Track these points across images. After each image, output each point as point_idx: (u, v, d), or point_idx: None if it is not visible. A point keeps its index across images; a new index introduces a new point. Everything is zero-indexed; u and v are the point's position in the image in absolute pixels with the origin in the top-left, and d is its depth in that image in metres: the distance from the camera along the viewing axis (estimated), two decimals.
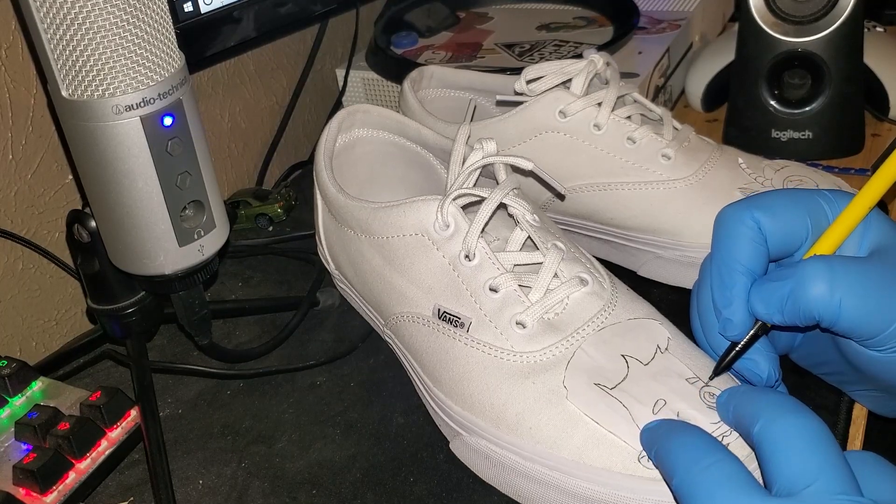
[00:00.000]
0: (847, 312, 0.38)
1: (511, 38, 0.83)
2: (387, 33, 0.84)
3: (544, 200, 0.60)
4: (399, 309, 0.49)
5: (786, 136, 0.72)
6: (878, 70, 0.74)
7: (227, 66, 0.75)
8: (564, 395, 0.41)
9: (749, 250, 0.41)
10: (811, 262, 0.38)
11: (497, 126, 0.58)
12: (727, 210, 0.42)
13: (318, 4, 0.69)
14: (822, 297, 0.38)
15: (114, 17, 0.41)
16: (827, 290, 0.38)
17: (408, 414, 0.51)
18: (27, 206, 0.61)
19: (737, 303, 0.41)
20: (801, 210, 0.41)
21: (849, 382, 0.46)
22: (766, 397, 0.36)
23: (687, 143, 0.57)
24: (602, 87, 0.58)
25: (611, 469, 0.39)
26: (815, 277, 0.38)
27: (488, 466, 0.44)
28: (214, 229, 0.49)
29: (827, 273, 0.38)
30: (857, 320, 0.38)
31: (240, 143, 0.79)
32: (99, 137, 0.43)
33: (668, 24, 0.82)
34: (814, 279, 0.38)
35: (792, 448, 0.33)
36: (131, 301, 0.54)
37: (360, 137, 0.58)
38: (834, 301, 0.38)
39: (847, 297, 0.37)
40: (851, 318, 0.38)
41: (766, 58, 0.70)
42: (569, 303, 0.44)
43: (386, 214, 0.48)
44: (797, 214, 0.41)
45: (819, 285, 0.38)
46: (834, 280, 0.38)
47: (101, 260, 0.51)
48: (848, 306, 0.38)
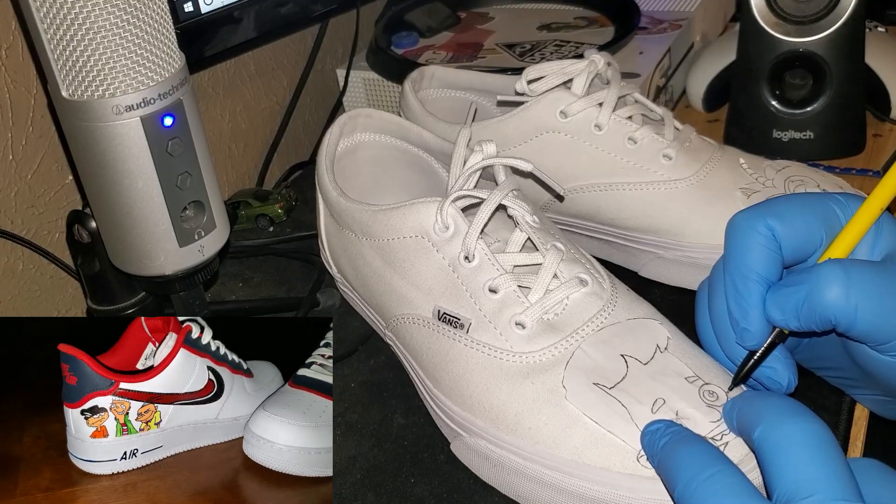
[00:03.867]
0: (863, 316, 0.37)
1: (512, 39, 0.83)
2: (387, 33, 0.84)
3: (544, 201, 0.60)
4: (399, 311, 0.49)
5: (787, 137, 0.72)
6: (880, 70, 0.74)
7: (227, 66, 0.75)
8: (563, 395, 0.41)
9: (764, 258, 0.40)
10: (826, 266, 0.38)
11: (498, 126, 0.58)
12: (739, 218, 0.41)
13: (319, 4, 0.69)
14: (838, 301, 0.37)
15: (114, 17, 0.41)
16: (843, 293, 0.37)
17: (408, 415, 0.51)
18: (27, 207, 0.61)
19: (753, 312, 0.40)
20: (815, 215, 0.41)
21: (854, 385, 0.46)
22: (768, 401, 0.36)
23: (688, 144, 0.57)
24: (603, 88, 0.58)
25: (610, 469, 0.39)
26: (830, 281, 0.37)
27: (488, 467, 0.44)
28: (215, 230, 0.49)
29: (843, 276, 0.37)
30: (872, 324, 0.37)
31: (240, 144, 0.79)
32: (99, 138, 0.43)
33: (670, 25, 0.82)
34: (829, 283, 0.37)
35: (792, 455, 0.32)
36: (131, 301, 0.54)
37: (361, 141, 0.58)
38: (850, 305, 0.37)
39: (863, 301, 0.37)
40: (867, 322, 0.37)
41: (768, 58, 0.70)
42: (568, 303, 0.44)
43: (386, 217, 0.48)
44: (810, 220, 0.40)
45: (835, 289, 0.37)
46: (850, 283, 0.37)
47: (102, 260, 0.51)
48: (864, 310, 0.37)
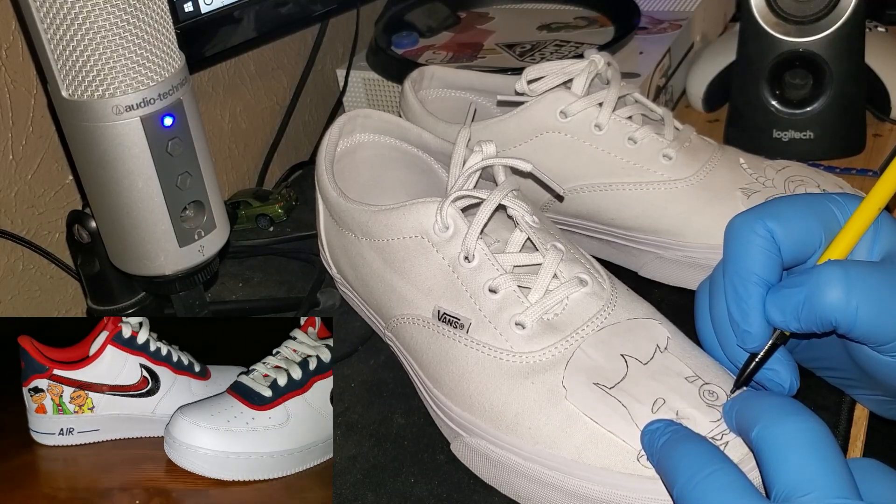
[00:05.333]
0: (863, 317, 0.37)
1: (512, 39, 0.83)
2: (387, 33, 0.84)
3: (544, 202, 0.60)
4: (399, 311, 0.49)
5: (787, 137, 0.72)
6: (880, 70, 0.74)
7: (227, 66, 0.75)
8: (563, 394, 0.41)
9: (763, 261, 0.40)
10: (826, 267, 0.38)
11: (498, 126, 0.58)
12: (738, 220, 0.41)
13: (319, 4, 0.69)
14: (839, 302, 0.37)
15: (114, 17, 0.41)
16: (843, 294, 0.37)
17: (408, 415, 0.51)
18: (27, 207, 0.61)
19: (753, 314, 0.40)
20: (813, 216, 0.40)
21: (854, 385, 0.46)
22: (767, 400, 0.36)
23: (688, 144, 0.57)
24: (603, 88, 0.58)
25: (610, 468, 0.39)
26: (830, 282, 0.37)
27: (488, 467, 0.44)
28: (215, 230, 0.49)
29: (843, 277, 0.37)
30: (873, 325, 0.37)
31: (240, 144, 0.79)
32: (99, 138, 0.43)
33: (670, 24, 0.82)
34: (829, 284, 0.37)
35: (790, 453, 0.32)
36: (131, 301, 0.54)
37: (361, 142, 0.58)
38: (850, 306, 0.37)
39: (864, 302, 0.37)
40: (868, 323, 0.37)
41: (768, 58, 0.70)
42: (568, 303, 0.44)
43: (386, 217, 0.48)
44: (809, 221, 0.40)
45: (835, 290, 0.37)
46: (850, 284, 0.37)
47: (102, 260, 0.51)
48: (864, 311, 0.37)
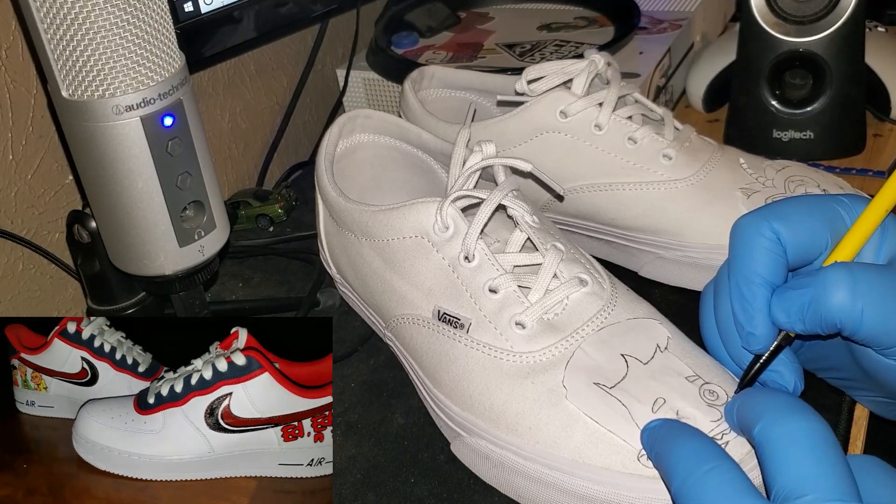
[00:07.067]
0: (869, 320, 0.37)
1: (512, 39, 0.83)
2: (387, 33, 0.84)
3: (544, 202, 0.60)
4: (399, 311, 0.49)
5: (787, 137, 0.72)
6: (880, 70, 0.74)
7: (227, 66, 0.75)
8: (564, 394, 0.41)
9: (769, 262, 0.39)
10: (832, 269, 0.37)
11: (498, 126, 0.58)
12: (744, 221, 0.41)
13: (319, 4, 0.69)
14: (844, 305, 0.37)
15: (114, 17, 0.41)
16: (849, 297, 0.37)
17: (408, 415, 0.51)
18: (27, 207, 0.61)
19: (758, 316, 0.39)
20: (819, 217, 0.40)
21: (855, 387, 0.45)
22: (769, 398, 0.36)
23: (688, 144, 0.57)
24: (603, 88, 0.58)
25: (610, 468, 0.39)
26: (836, 284, 0.37)
27: (488, 467, 0.44)
28: (215, 230, 0.49)
29: (849, 280, 0.37)
30: (878, 328, 0.37)
31: (240, 144, 0.79)
32: (99, 138, 0.43)
33: (670, 24, 0.82)
34: (835, 286, 0.37)
35: (791, 453, 0.32)
36: (131, 301, 0.54)
37: (361, 142, 0.58)
38: (856, 309, 0.37)
39: (869, 304, 0.36)
40: (873, 325, 0.37)
41: (768, 58, 0.70)
42: (568, 303, 0.44)
43: (386, 217, 0.48)
44: (816, 222, 0.40)
45: (841, 292, 0.37)
46: (856, 287, 0.37)
47: (102, 260, 0.51)
48: (870, 314, 0.36)
